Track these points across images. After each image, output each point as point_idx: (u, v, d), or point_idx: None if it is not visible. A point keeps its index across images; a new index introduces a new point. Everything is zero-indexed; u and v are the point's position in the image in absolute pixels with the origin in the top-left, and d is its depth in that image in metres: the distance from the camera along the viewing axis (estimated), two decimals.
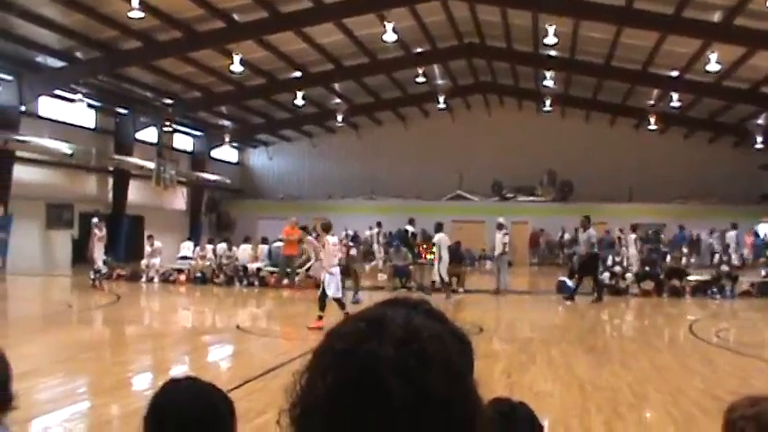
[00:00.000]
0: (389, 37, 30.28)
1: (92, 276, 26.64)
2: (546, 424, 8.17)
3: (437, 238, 25.65)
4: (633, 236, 29.81)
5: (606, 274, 27.23)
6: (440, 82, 43.36)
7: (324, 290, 17.54)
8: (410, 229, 30.72)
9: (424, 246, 28.87)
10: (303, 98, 40.88)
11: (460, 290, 26.79)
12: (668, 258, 34.30)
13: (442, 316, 1.34)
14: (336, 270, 17.79)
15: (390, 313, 1.27)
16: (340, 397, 1.17)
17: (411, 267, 28.28)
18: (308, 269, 26.80)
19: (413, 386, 1.15)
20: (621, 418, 9.25)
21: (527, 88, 44.16)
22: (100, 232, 27.12)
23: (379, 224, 38.33)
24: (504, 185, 49.33)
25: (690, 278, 27.50)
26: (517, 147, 48.24)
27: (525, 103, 48.36)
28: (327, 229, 18.42)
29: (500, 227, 27.19)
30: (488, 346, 15.24)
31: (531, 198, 48.73)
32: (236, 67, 32.58)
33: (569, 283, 26.66)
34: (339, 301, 17.65)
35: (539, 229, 46.85)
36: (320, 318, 17.11)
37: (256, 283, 28.78)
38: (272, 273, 28.97)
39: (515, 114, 49.80)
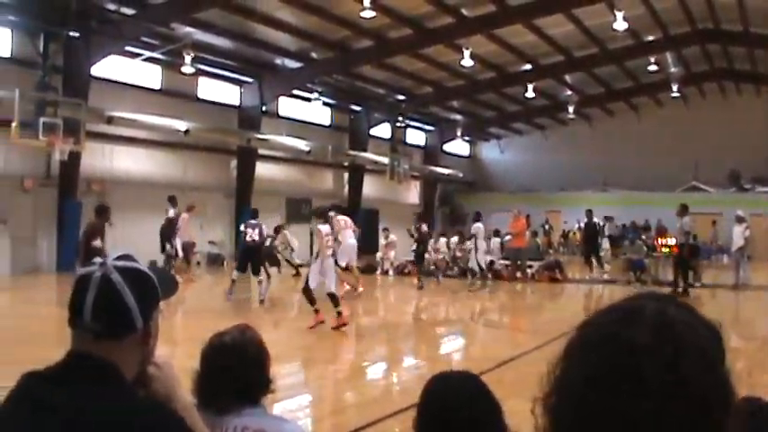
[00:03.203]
0: (620, 25, 29.60)
1: None
2: None
3: (474, 227, 25.95)
4: None
5: None
6: (673, 70, 41.92)
7: (307, 282, 15.20)
8: (595, 220, 29.98)
9: (659, 238, 28.09)
10: (534, 90, 40.59)
11: (697, 284, 25.91)
12: None
13: (693, 308, 1.34)
14: (330, 262, 15.48)
15: (644, 304, 1.30)
16: (596, 384, 1.19)
17: (646, 260, 27.61)
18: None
19: (671, 373, 1.17)
20: None
21: (765, 73, 41.99)
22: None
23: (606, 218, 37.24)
24: (742, 175, 47.12)
25: None
26: (756, 134, 45.50)
27: (764, 88, 45.92)
28: (320, 215, 16.29)
29: (740, 219, 26.11)
30: (727, 344, 14.70)
31: None
32: (467, 61, 32.72)
33: None
34: (333, 296, 15.13)
35: None
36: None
37: (489, 275, 28.82)
38: (506, 266, 28.93)
39: (753, 100, 47.21)
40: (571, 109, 46.09)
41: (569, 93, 44.51)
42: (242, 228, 22.33)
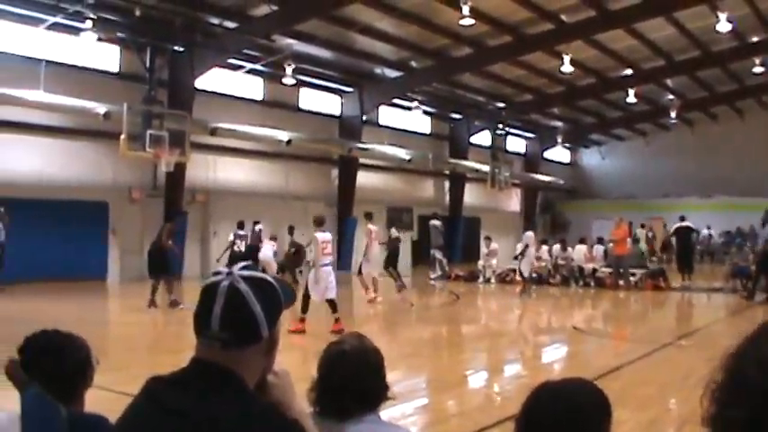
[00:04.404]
0: (723, 27, 28.89)
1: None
2: None
3: (525, 236, 26.10)
4: None
5: None
6: None
7: (307, 289, 15.44)
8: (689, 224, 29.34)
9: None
10: (635, 96, 39.96)
11: None
12: None
13: None
14: (328, 269, 15.74)
15: None
16: None
17: (753, 267, 26.90)
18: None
19: None
20: None
21: None
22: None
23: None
24: None
25: None
26: None
27: None
28: (320, 223, 16.30)
29: None
30: None
31: None
32: (567, 67, 32.33)
33: None
34: (332, 303, 15.52)
35: None
36: (302, 320, 15.18)
37: (592, 283, 28.48)
38: (610, 273, 28.52)
39: None
40: (673, 114, 45.18)
41: (671, 97, 43.67)
42: (230, 237, 25.09)
